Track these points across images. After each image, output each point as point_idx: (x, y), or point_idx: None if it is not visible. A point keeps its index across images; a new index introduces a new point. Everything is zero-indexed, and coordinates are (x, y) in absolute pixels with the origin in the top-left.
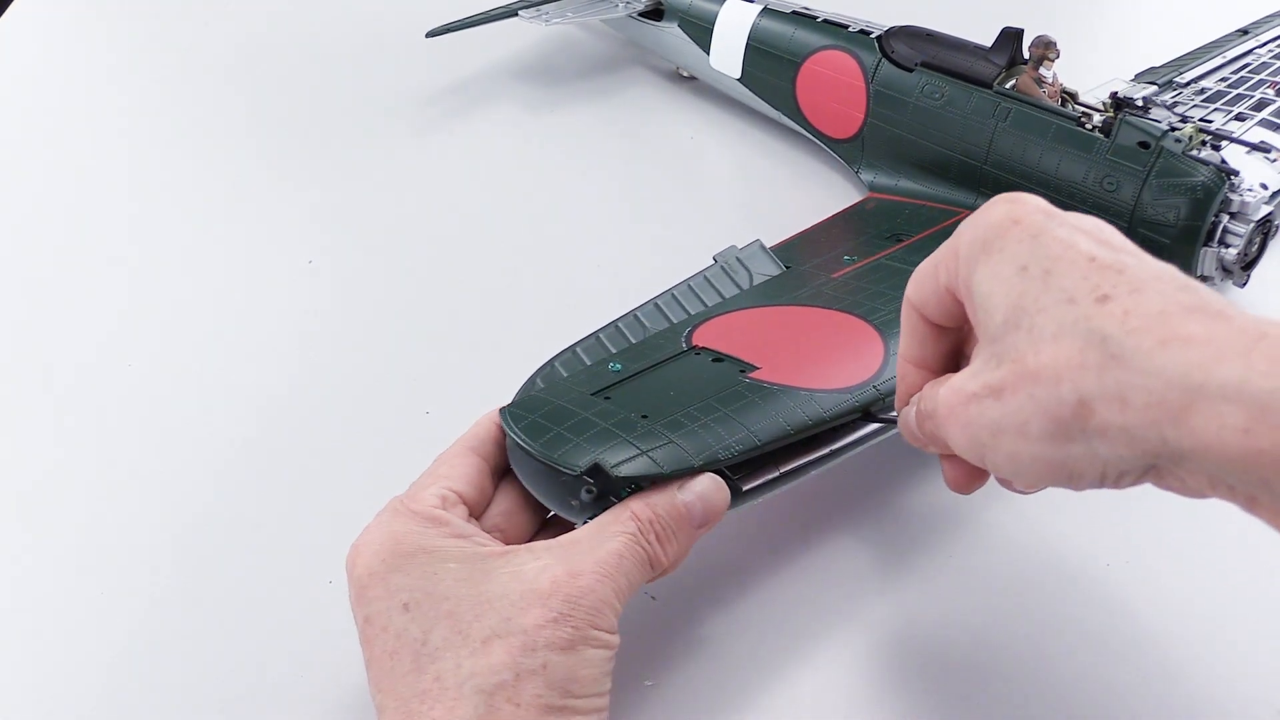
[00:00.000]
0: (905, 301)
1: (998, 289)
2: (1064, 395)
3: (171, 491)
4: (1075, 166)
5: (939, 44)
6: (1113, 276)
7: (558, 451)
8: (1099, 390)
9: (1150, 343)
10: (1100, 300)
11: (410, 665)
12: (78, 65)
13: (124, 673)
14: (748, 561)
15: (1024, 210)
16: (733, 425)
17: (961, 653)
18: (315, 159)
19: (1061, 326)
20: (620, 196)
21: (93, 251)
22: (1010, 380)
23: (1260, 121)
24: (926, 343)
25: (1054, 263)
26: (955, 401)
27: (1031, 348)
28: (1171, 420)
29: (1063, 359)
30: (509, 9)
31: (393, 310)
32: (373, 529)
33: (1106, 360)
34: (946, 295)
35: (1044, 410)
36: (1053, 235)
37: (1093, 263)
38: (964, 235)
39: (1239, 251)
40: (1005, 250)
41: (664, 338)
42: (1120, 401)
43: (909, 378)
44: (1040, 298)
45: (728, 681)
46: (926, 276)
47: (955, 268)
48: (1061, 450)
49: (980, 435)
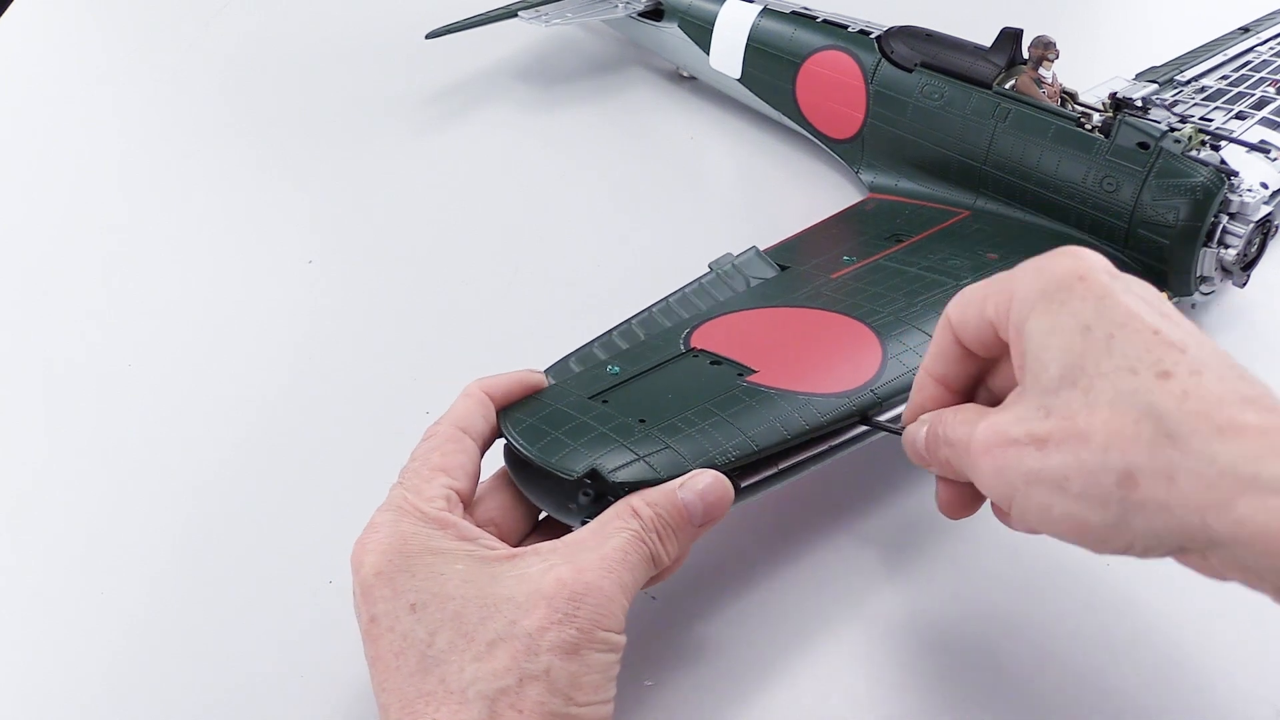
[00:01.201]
0: (944, 319)
1: (1055, 342)
2: (1111, 462)
3: (171, 491)
4: (1075, 167)
5: (938, 44)
6: (1175, 354)
7: (555, 456)
8: (1148, 465)
9: (1206, 428)
10: (1161, 376)
11: (415, 666)
12: (77, 66)
13: (123, 672)
14: (748, 561)
15: (1089, 268)
16: (730, 430)
17: (962, 652)
18: (316, 160)
19: (1119, 395)
20: (621, 196)
21: (92, 252)
22: (1057, 435)
23: (1261, 120)
24: (954, 364)
25: (1118, 329)
26: (994, 442)
27: (1085, 409)
28: (1217, 506)
29: (1115, 427)
30: (509, 10)
31: (392, 310)
32: (378, 527)
33: (1160, 437)
34: (989, 327)
35: (1087, 472)
36: (1118, 300)
37: (1156, 336)
38: (1023, 279)
39: (1238, 252)
40: (1067, 305)
41: (663, 339)
42: (1168, 480)
43: (926, 390)
44: (1101, 361)
45: (728, 681)
46: (972, 303)
47: (1007, 307)
48: (1096, 514)
49: (1014, 480)
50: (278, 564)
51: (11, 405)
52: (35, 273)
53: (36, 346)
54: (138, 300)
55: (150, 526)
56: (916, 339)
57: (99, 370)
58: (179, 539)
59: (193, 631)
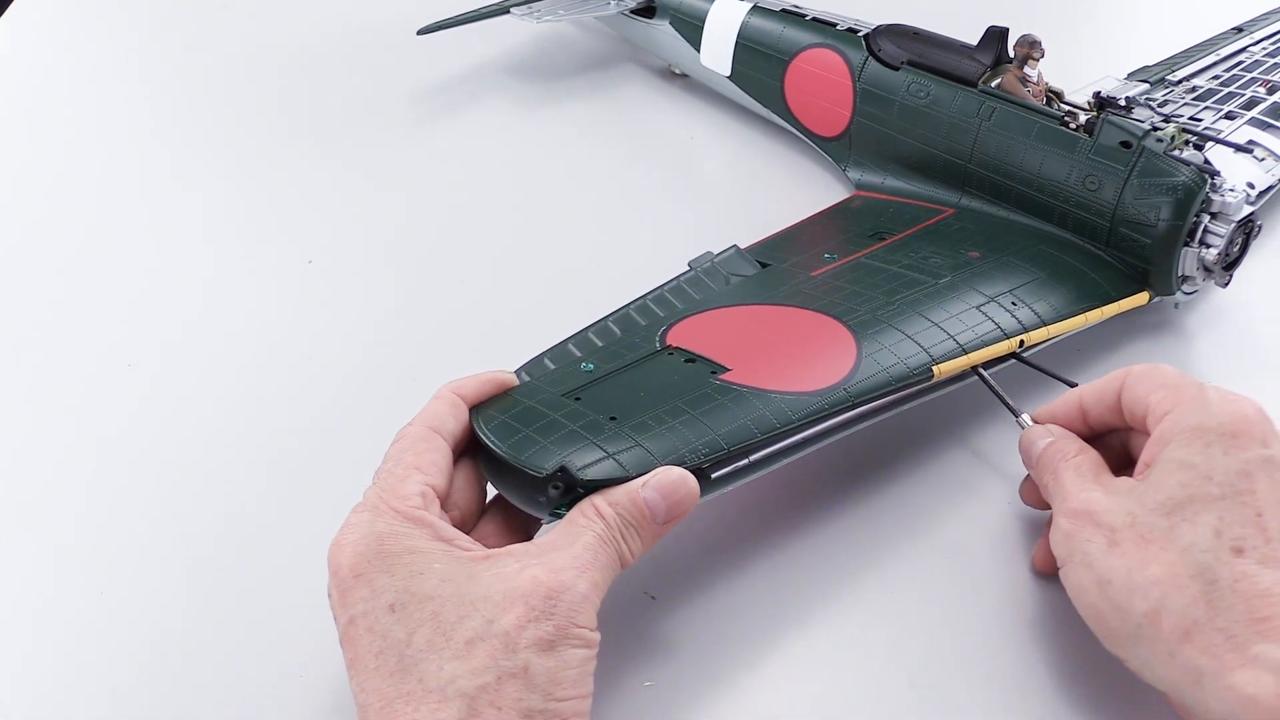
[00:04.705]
0: (1123, 373)
1: (1179, 477)
2: (1152, 595)
3: (170, 491)
4: (1058, 166)
5: (925, 42)
6: (1259, 539)
7: (525, 453)
8: (1178, 615)
9: (1242, 609)
10: (1235, 551)
11: (395, 666)
12: (75, 67)
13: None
14: (747, 561)
15: (1247, 427)
16: (700, 428)
17: (962, 651)
18: (314, 160)
19: (1192, 547)
20: (612, 193)
21: (91, 252)
22: (1127, 545)
23: (1250, 120)
24: (1104, 410)
25: (1231, 495)
26: (1082, 514)
27: (1161, 541)
28: (1216, 671)
29: (1173, 572)
30: (500, 6)
31: (392, 310)
32: (354, 527)
33: (1200, 601)
34: (1143, 416)
35: (1130, 589)
36: (1247, 472)
37: (1259, 518)
38: (1191, 404)
39: (1220, 251)
40: (1206, 452)
41: (638, 336)
42: (1185, 635)
43: (1071, 407)
44: (1200, 512)
45: (728, 681)
46: (1151, 389)
47: (1164, 418)
48: (1115, 621)
49: (1075, 551)
50: (278, 563)
51: (11, 405)
52: (35, 272)
53: (37, 346)
54: (138, 300)
55: (149, 526)
56: (892, 338)
57: (99, 370)
58: (178, 538)
59: (192, 631)
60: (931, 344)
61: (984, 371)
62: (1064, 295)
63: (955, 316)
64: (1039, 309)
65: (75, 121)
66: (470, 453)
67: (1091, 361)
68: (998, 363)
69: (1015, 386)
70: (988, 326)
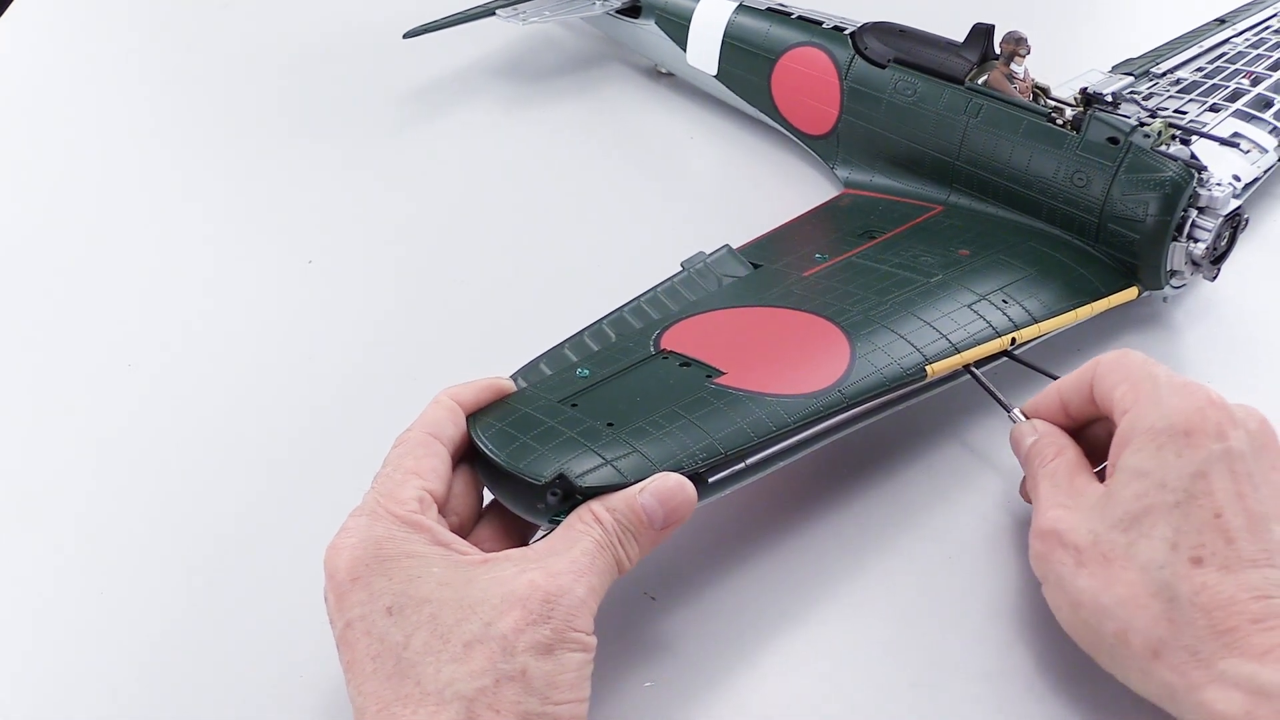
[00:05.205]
0: (1093, 363)
1: (1135, 487)
2: (1117, 615)
3: (170, 491)
4: (1046, 162)
5: (911, 40)
6: (1220, 543)
7: (523, 461)
8: (1144, 634)
9: (1204, 624)
10: (1193, 561)
11: (392, 669)
12: (75, 67)
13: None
14: (747, 561)
15: (1201, 427)
16: (697, 433)
17: (963, 650)
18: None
19: (1150, 564)
20: (600, 193)
21: (91, 252)
22: (1092, 565)
23: (1234, 112)
24: (1080, 401)
25: (1187, 500)
26: (1049, 534)
27: (1122, 559)
28: (1187, 689)
29: (1134, 592)
30: (486, 8)
31: (391, 309)
32: (352, 530)
33: (1163, 619)
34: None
35: (1097, 608)
36: (1202, 471)
37: (1217, 519)
38: (1148, 404)
39: (1208, 246)
40: (1159, 455)
41: (633, 340)
42: (1154, 653)
43: (1051, 400)
44: (1157, 524)
45: (727, 682)
46: (1116, 382)
47: (1125, 413)
48: (1089, 640)
49: (1046, 572)
50: (278, 563)
51: (12, 405)
52: (35, 272)
53: (37, 346)
54: (137, 301)
55: (149, 526)
56: (886, 338)
57: (99, 370)
58: (178, 538)
59: (192, 631)
60: (924, 343)
61: (976, 370)
62: (1054, 292)
63: (947, 315)
64: (1030, 306)
65: (75, 121)
66: (468, 459)
67: (1080, 357)
68: (990, 360)
69: (1007, 381)
70: (980, 325)
